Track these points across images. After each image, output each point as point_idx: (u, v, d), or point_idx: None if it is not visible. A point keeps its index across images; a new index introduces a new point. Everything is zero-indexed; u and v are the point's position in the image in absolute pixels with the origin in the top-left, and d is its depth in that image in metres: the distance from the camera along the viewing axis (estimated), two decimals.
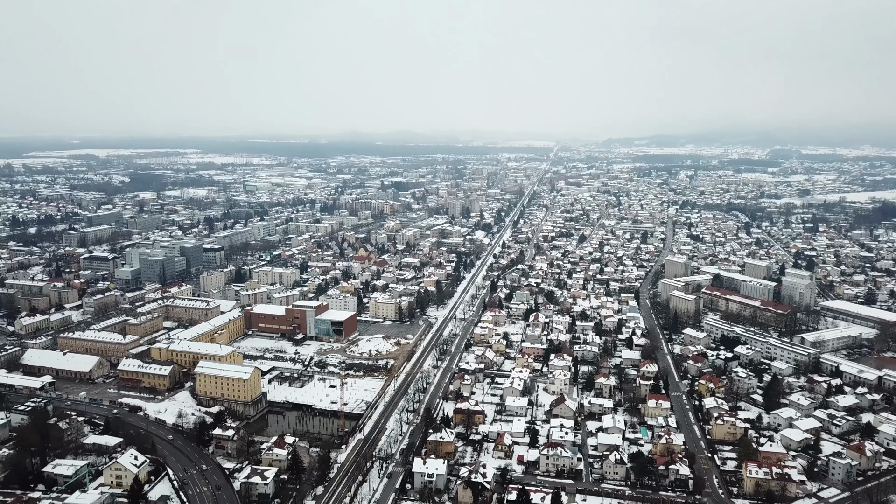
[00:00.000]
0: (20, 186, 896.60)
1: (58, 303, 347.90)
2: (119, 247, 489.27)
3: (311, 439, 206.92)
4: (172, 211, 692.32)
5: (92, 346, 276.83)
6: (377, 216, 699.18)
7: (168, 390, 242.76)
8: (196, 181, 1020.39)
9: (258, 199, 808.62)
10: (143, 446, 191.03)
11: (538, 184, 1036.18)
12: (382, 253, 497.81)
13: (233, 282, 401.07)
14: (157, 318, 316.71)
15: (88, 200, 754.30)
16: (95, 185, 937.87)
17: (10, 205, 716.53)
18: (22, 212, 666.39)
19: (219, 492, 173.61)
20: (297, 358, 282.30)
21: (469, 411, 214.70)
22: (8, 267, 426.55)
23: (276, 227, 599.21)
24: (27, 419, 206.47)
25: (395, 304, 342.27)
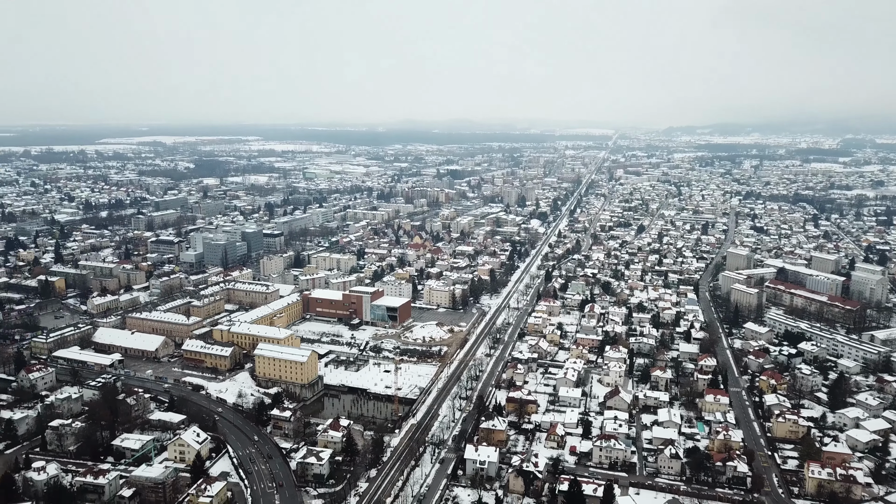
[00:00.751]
0: (93, 172, 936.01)
1: (127, 284, 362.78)
2: (184, 231, 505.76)
3: (365, 423, 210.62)
4: (234, 197, 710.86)
5: (158, 326, 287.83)
6: (432, 204, 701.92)
7: (229, 371, 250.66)
8: (257, 168, 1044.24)
9: (317, 186, 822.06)
10: (204, 424, 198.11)
11: (596, 172, 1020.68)
12: (437, 241, 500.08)
13: (292, 267, 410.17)
14: (219, 301, 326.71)
15: (156, 186, 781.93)
16: (162, 170, 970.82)
17: (83, 189, 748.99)
18: (94, 196, 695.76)
19: (276, 471, 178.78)
20: (352, 342, 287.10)
21: (521, 400, 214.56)
22: (81, 249, 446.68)
23: (334, 214, 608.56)
24: (98, 394, 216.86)
25: (449, 292, 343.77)
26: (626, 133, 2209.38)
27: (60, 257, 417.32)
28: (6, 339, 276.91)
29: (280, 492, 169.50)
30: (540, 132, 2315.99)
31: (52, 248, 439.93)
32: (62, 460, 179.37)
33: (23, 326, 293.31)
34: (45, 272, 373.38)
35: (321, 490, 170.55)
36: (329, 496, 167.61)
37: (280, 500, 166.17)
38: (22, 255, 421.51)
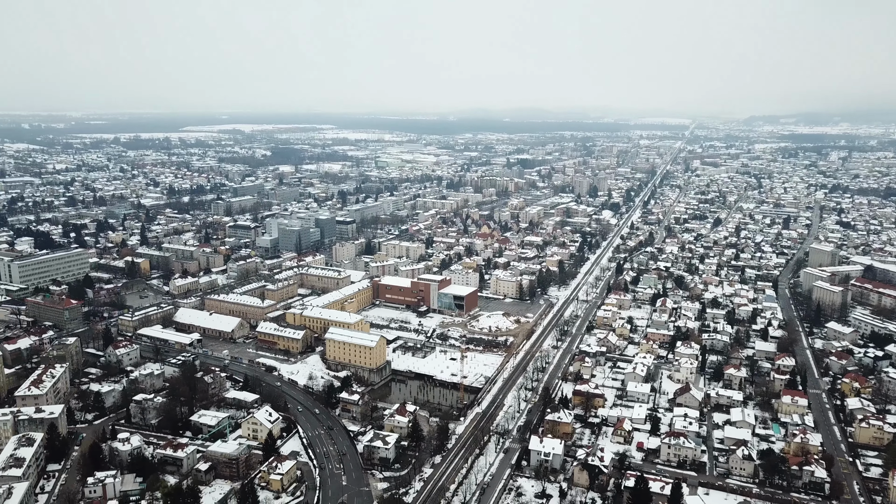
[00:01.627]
0: (176, 158, 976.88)
1: (206, 267, 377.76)
2: (260, 216, 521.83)
3: (431, 409, 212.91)
4: (309, 184, 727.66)
5: (234, 308, 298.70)
6: (501, 194, 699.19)
7: (300, 353, 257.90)
8: (331, 156, 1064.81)
9: (388, 175, 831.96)
10: (276, 404, 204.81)
11: (671, 163, 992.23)
12: (505, 230, 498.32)
13: (363, 253, 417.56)
14: (292, 285, 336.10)
15: (234, 172, 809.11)
16: (241, 157, 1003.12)
17: (167, 175, 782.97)
18: (177, 182, 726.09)
19: (343, 453, 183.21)
20: (420, 329, 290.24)
21: (588, 394, 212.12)
22: (164, 232, 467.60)
23: (404, 203, 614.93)
24: (178, 371, 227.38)
25: (517, 283, 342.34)
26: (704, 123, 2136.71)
27: (146, 240, 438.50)
28: (96, 316, 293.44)
29: (347, 473, 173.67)
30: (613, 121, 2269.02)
31: (139, 231, 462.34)
32: (144, 433, 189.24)
33: (111, 305, 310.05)
34: (132, 254, 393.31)
35: (387, 473, 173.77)
36: (394, 480, 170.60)
37: (347, 482, 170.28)
38: (111, 238, 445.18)
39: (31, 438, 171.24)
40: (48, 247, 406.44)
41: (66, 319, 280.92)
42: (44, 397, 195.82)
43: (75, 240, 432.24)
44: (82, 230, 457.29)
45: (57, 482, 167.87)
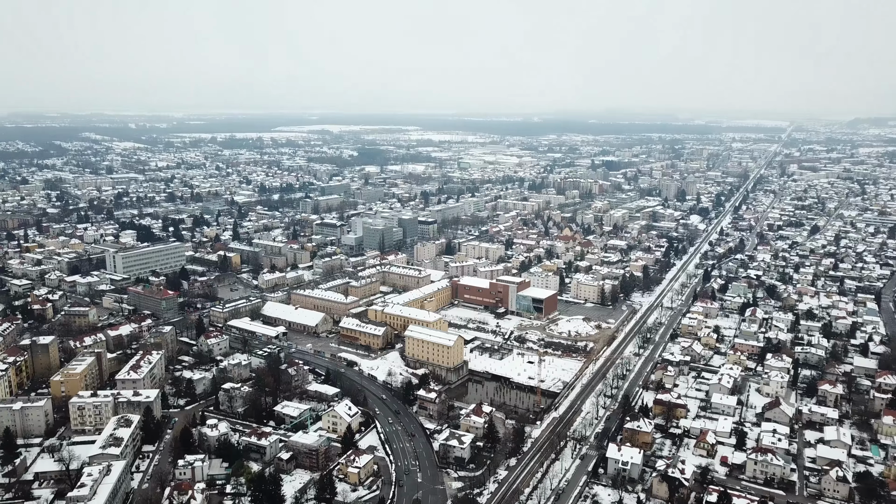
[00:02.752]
0: (268, 157, 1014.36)
1: (293, 262, 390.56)
2: (346, 215, 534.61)
3: (507, 411, 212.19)
4: (393, 184, 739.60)
5: (319, 303, 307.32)
6: (585, 196, 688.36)
7: (381, 349, 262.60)
8: (415, 157, 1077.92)
9: (470, 176, 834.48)
10: (356, 398, 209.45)
11: (766, 167, 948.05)
12: (588, 234, 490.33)
13: (443, 253, 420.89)
14: (374, 283, 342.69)
15: (322, 172, 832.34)
16: (328, 157, 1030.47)
17: (259, 173, 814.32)
18: (268, 180, 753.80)
19: (419, 450, 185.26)
20: (497, 331, 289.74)
21: (670, 403, 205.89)
22: (255, 228, 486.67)
23: (485, 204, 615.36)
24: (264, 363, 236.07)
25: (598, 287, 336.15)
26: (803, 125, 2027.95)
27: (237, 235, 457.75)
28: (190, 306, 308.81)
29: (422, 470, 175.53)
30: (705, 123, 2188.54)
31: (231, 226, 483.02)
32: (231, 420, 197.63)
33: (204, 296, 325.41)
34: (225, 248, 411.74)
35: (461, 473, 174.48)
36: (469, 480, 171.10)
37: (422, 479, 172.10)
38: (206, 232, 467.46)
39: (129, 420, 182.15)
40: (149, 240, 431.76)
41: (163, 309, 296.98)
42: (141, 382, 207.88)
43: (173, 234, 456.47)
44: (180, 225, 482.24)
45: (151, 462, 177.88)
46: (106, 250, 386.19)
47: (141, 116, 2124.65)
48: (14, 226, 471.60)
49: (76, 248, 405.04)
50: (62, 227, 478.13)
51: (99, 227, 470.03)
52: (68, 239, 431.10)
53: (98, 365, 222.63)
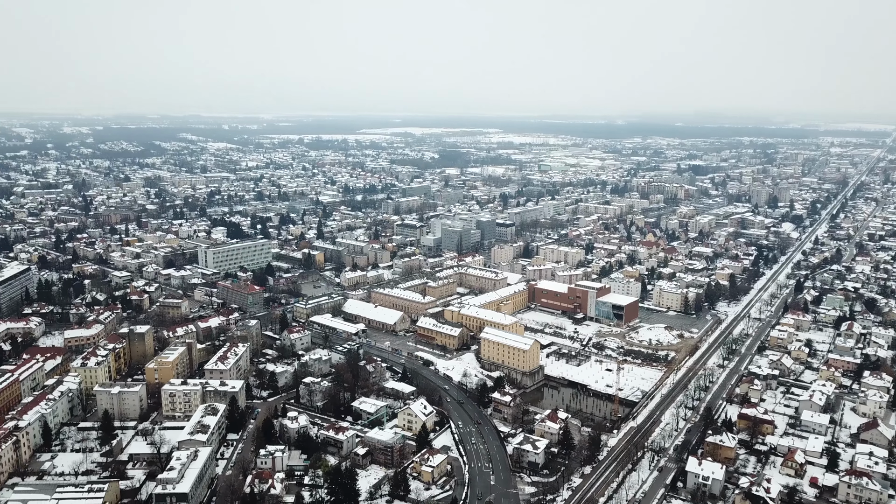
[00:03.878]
0: (352, 159, 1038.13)
1: (374, 262, 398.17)
2: (425, 216, 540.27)
3: (583, 418, 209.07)
4: (472, 187, 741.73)
5: (397, 302, 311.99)
6: (670, 201, 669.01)
7: (456, 350, 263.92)
8: (495, 159, 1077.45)
9: (551, 179, 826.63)
10: (431, 398, 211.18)
11: (867, 173, 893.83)
12: (672, 240, 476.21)
13: (521, 256, 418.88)
14: (451, 284, 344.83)
15: (404, 174, 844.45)
16: (410, 160, 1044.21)
17: (343, 174, 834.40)
18: (352, 181, 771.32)
19: (493, 453, 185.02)
20: (575, 336, 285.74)
21: (756, 419, 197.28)
22: (338, 227, 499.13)
23: (565, 207, 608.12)
24: (343, 359, 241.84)
25: (682, 295, 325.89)
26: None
27: (321, 234, 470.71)
28: (275, 302, 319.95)
29: (495, 473, 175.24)
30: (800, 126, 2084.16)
31: (316, 225, 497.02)
32: (311, 413, 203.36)
33: (288, 292, 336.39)
34: (309, 246, 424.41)
35: (535, 478, 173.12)
36: (542, 485, 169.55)
37: (495, 481, 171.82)
38: (291, 230, 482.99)
39: (216, 408, 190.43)
40: (238, 236, 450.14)
41: (250, 303, 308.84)
42: (228, 372, 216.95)
43: (261, 231, 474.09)
44: (267, 223, 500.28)
45: (234, 450, 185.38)
46: (198, 246, 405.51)
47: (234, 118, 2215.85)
48: (117, 221, 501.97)
49: (172, 243, 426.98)
50: (159, 222, 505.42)
51: (193, 224, 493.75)
52: (165, 234, 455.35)
53: (188, 355, 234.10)
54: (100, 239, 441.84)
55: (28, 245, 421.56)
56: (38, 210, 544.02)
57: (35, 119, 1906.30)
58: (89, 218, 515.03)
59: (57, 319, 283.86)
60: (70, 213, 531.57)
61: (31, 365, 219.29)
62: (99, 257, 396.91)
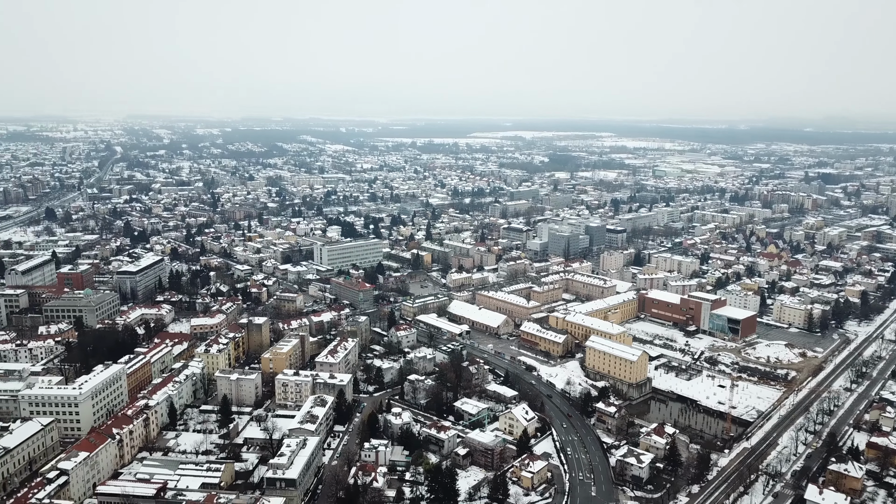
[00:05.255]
0: (462, 162, 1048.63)
1: (479, 264, 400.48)
2: (532, 220, 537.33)
3: (691, 435, 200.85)
4: (582, 191, 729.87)
5: (501, 305, 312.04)
6: (795, 210, 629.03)
7: (560, 357, 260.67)
8: (607, 164, 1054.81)
9: (665, 185, 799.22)
10: (533, 403, 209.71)
11: None
12: (796, 252, 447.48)
13: (631, 264, 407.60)
14: (557, 289, 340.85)
15: (512, 177, 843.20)
16: (519, 163, 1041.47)
17: (453, 178, 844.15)
18: (461, 184, 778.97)
19: (595, 463, 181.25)
20: (686, 349, 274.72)
21: (888, 449, 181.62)
22: (446, 229, 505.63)
23: (680, 214, 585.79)
24: (447, 359, 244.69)
25: (805, 311, 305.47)
26: None
27: (430, 235, 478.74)
28: (384, 300, 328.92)
29: (597, 484, 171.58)
30: None
31: (425, 227, 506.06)
32: (414, 410, 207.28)
33: (396, 291, 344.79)
34: (418, 247, 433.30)
35: (638, 493, 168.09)
36: (646, 501, 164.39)
37: (596, 493, 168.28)
38: (402, 231, 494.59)
39: (324, 400, 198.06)
40: (351, 235, 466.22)
41: (360, 300, 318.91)
42: (337, 366, 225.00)
43: (373, 231, 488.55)
44: (379, 223, 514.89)
45: (340, 442, 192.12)
46: (314, 243, 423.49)
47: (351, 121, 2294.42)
48: (240, 217, 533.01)
49: (289, 240, 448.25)
50: (279, 220, 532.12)
51: (310, 222, 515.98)
52: (283, 231, 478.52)
53: (301, 347, 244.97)
54: (225, 234, 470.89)
55: (162, 238, 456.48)
56: (172, 205, 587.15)
57: (172, 121, 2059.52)
58: (216, 214, 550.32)
59: (185, 308, 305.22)
60: (199, 209, 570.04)
61: (161, 349, 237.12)
62: (223, 251, 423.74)
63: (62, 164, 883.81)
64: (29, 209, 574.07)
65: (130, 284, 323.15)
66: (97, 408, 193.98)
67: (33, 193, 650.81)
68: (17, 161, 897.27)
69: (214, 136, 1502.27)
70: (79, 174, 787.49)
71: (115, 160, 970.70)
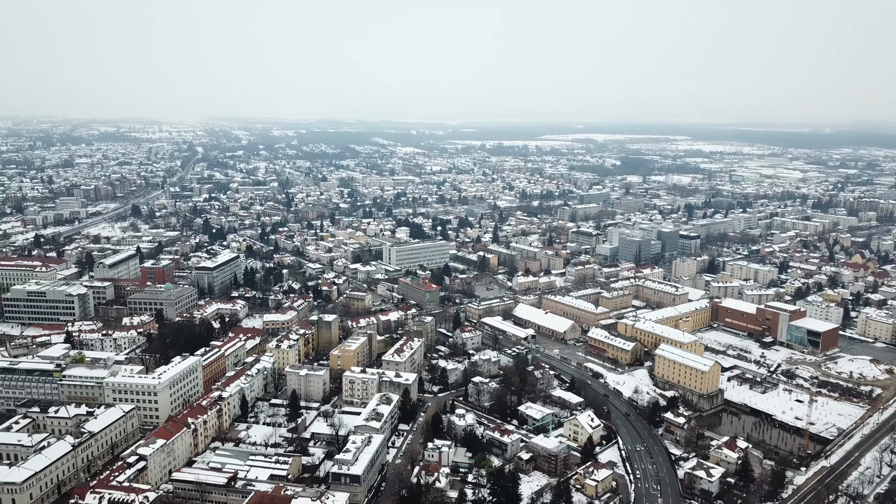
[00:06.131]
0: (531, 165, 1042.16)
1: (546, 268, 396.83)
2: (602, 225, 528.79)
3: (765, 450, 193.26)
4: (655, 195, 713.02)
5: (568, 310, 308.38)
6: (884, 219, 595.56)
7: (628, 365, 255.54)
8: (682, 168, 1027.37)
9: (743, 190, 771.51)
10: (599, 411, 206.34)
11: None
12: (885, 263, 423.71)
13: (704, 271, 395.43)
14: (626, 296, 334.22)
15: (582, 180, 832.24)
16: (590, 166, 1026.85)
17: (521, 180, 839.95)
18: (529, 187, 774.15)
19: (662, 475, 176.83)
20: (762, 361, 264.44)
21: None
22: (513, 232, 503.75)
23: (758, 221, 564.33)
24: (512, 362, 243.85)
25: (893, 325, 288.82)
26: None
27: (497, 238, 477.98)
28: (449, 301, 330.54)
29: (664, 496, 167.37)
30: None
31: (492, 229, 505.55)
32: (477, 412, 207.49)
33: (462, 292, 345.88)
34: (484, 249, 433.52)
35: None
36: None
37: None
38: (469, 233, 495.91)
39: (390, 398, 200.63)
40: (420, 236, 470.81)
41: (427, 301, 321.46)
42: (403, 365, 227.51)
43: (440, 233, 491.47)
44: (447, 225, 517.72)
45: (404, 441, 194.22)
46: (383, 244, 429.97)
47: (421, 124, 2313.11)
48: (313, 217, 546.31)
49: (359, 240, 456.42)
50: (350, 220, 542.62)
51: (379, 223, 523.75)
52: (354, 231, 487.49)
53: (369, 345, 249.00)
54: (298, 233, 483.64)
55: (238, 235, 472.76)
56: (249, 204, 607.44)
57: (250, 123, 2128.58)
58: (290, 213, 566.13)
59: (258, 304, 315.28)
60: (274, 209, 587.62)
61: (235, 343, 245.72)
62: (296, 249, 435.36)
63: (148, 164, 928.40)
64: (117, 206, 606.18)
65: (208, 280, 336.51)
66: (174, 397, 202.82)
67: (121, 191, 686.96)
68: (108, 160, 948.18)
69: (290, 137, 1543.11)
70: (163, 173, 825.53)
71: (196, 160, 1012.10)
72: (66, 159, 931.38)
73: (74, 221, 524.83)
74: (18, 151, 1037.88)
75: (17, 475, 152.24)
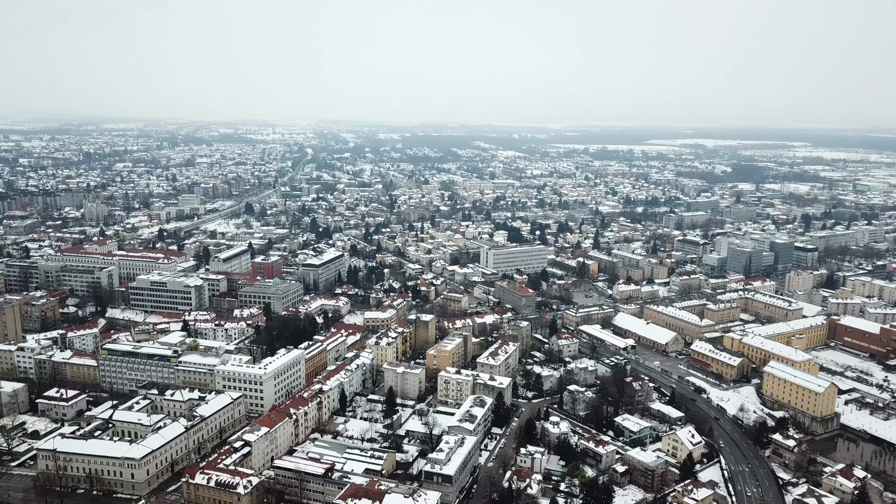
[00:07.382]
0: (636, 170, 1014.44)
1: (649, 277, 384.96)
2: (710, 234, 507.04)
3: (886, 481, 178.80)
4: (769, 204, 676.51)
5: (671, 321, 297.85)
6: None
7: (734, 381, 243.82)
8: (799, 176, 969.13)
9: (868, 201, 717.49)
10: (700, 427, 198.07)
11: None
12: None
13: (822, 286, 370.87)
14: (734, 308, 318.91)
15: (690, 187, 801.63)
16: (699, 173, 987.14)
17: (625, 185, 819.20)
18: (633, 192, 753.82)
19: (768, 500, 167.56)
20: (885, 386, 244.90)
21: None
22: (615, 239, 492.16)
23: (884, 234, 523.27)
24: (609, 372, 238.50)
25: None
26: None
27: (597, 244, 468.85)
28: (546, 306, 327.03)
29: None
30: None
31: (593, 235, 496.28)
32: (572, 421, 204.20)
33: (559, 299, 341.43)
34: (584, 255, 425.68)
35: None
36: None
37: None
38: (568, 239, 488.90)
39: (483, 401, 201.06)
40: (518, 240, 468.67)
41: (523, 305, 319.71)
42: (497, 368, 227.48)
43: (539, 237, 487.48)
44: (546, 229, 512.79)
45: (497, 444, 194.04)
46: (481, 246, 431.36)
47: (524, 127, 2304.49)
48: (414, 218, 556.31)
49: (458, 242, 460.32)
50: (450, 223, 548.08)
51: (478, 226, 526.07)
52: (453, 234, 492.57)
53: (464, 346, 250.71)
54: (399, 234, 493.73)
55: (343, 235, 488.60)
56: (354, 205, 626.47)
57: (357, 126, 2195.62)
58: (392, 214, 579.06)
59: (360, 301, 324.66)
60: (378, 210, 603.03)
61: (337, 338, 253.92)
62: (397, 250, 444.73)
63: (261, 164, 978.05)
64: (232, 203, 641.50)
65: (313, 276, 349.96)
66: (278, 388, 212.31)
67: (236, 189, 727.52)
68: (225, 160, 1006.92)
69: (395, 140, 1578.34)
70: (274, 173, 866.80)
71: (305, 161, 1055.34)
72: (189, 159, 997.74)
73: (194, 217, 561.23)
74: (147, 151, 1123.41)
75: (136, 451, 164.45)
